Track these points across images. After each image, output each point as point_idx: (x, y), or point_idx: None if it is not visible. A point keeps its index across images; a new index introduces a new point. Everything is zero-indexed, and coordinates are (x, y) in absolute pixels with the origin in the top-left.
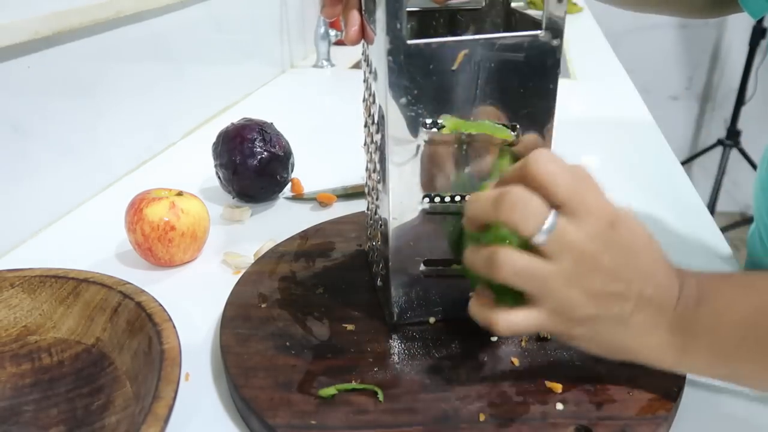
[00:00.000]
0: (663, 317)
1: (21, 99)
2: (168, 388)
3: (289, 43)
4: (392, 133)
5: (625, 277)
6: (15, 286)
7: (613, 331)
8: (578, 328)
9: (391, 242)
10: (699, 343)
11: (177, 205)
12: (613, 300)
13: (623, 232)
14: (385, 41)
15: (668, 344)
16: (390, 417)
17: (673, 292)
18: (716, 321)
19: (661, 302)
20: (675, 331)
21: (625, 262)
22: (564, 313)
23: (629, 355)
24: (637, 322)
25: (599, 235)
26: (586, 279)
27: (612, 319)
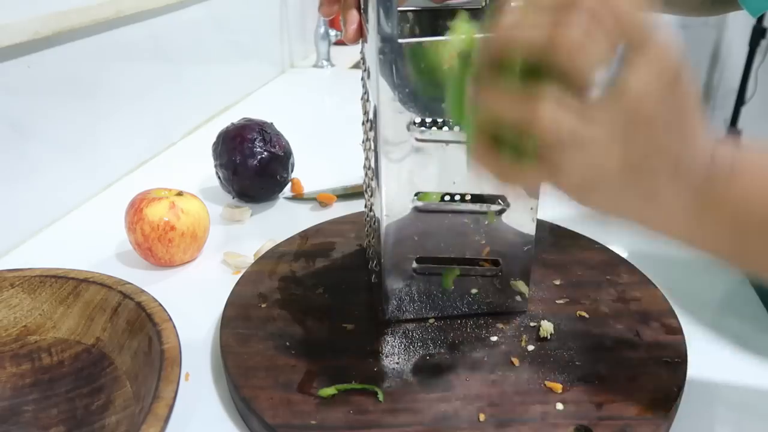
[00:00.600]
0: (691, 188)
1: (21, 99)
2: (168, 388)
3: (289, 43)
4: (384, 130)
5: (672, 135)
6: (15, 286)
7: (633, 199)
8: (596, 196)
9: (383, 239)
10: (718, 213)
11: (177, 205)
12: (648, 173)
13: (683, 90)
14: (376, 39)
15: (689, 214)
16: (390, 417)
17: (706, 157)
18: (744, 197)
19: (692, 165)
20: (698, 196)
21: (677, 127)
22: (589, 179)
23: (639, 218)
24: (664, 192)
25: (661, 94)
26: (631, 142)
27: (638, 190)
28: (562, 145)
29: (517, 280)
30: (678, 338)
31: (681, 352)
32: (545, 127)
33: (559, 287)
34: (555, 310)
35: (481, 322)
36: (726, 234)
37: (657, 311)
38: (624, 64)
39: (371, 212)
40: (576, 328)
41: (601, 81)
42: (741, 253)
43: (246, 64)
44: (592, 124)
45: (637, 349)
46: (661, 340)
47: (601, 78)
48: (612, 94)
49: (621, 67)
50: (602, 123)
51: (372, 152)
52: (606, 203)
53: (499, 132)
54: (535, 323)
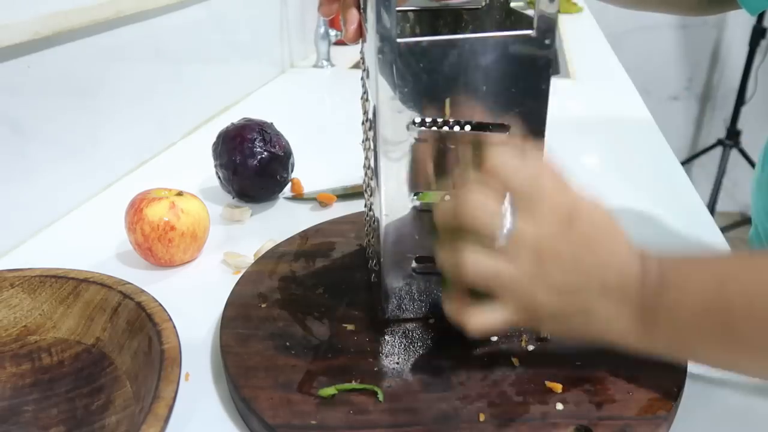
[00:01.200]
0: (626, 303)
1: (21, 99)
2: (168, 388)
3: (289, 43)
4: (383, 130)
5: (584, 269)
6: (15, 286)
7: (581, 321)
8: (546, 322)
9: (383, 238)
10: (660, 326)
11: (177, 205)
12: (575, 293)
13: (581, 225)
14: (375, 39)
15: (632, 330)
16: (390, 417)
17: (635, 279)
18: (676, 307)
19: (624, 289)
20: (638, 317)
21: (584, 254)
22: (531, 309)
23: (597, 340)
24: (601, 312)
25: (557, 232)
26: (547, 276)
27: (577, 310)
28: (492, 283)
29: None
30: None
31: None
32: (469, 269)
33: None
34: None
35: None
36: (670, 344)
37: None
38: (517, 214)
39: (371, 212)
40: None
41: (505, 230)
42: (692, 357)
43: (246, 64)
44: (509, 263)
45: None
46: None
47: (505, 227)
48: (515, 239)
49: (516, 217)
50: (517, 262)
51: (372, 152)
52: (558, 328)
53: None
54: None
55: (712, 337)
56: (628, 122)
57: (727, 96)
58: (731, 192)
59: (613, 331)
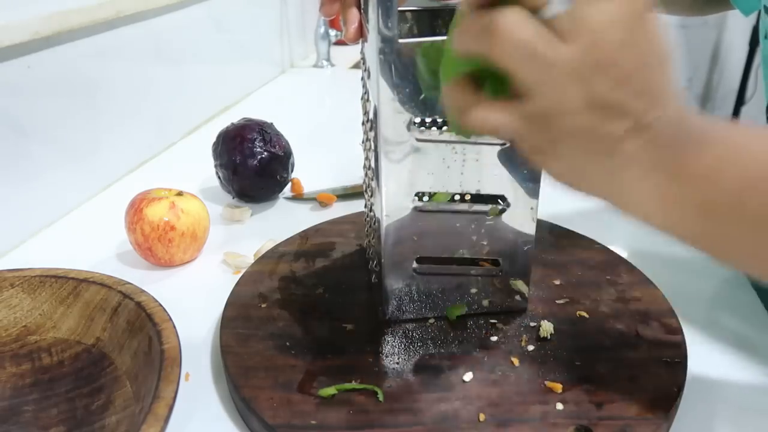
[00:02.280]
0: (654, 149)
1: (21, 99)
2: (168, 388)
3: (289, 43)
4: (384, 130)
5: (635, 86)
6: (15, 286)
7: (596, 157)
8: (558, 144)
9: (384, 239)
10: (685, 189)
11: (177, 205)
12: (611, 113)
13: (651, 31)
14: (376, 39)
15: (649, 183)
16: (390, 417)
17: (672, 125)
18: (720, 169)
19: (659, 131)
20: (663, 169)
21: (642, 67)
22: (551, 118)
23: (603, 191)
24: (625, 151)
25: (627, 25)
26: (593, 75)
27: (601, 139)
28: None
29: (516, 280)
30: (678, 338)
31: (681, 352)
32: (505, 32)
33: (559, 287)
34: (555, 310)
35: (481, 322)
36: (693, 214)
37: (657, 311)
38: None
39: (371, 212)
40: (576, 328)
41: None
42: (709, 238)
43: (246, 64)
44: (554, 43)
45: (637, 349)
46: (661, 340)
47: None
48: (572, 25)
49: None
50: (565, 46)
51: (372, 152)
52: (569, 167)
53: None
54: (535, 323)
55: (751, 216)
56: None
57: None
58: None
59: (629, 181)
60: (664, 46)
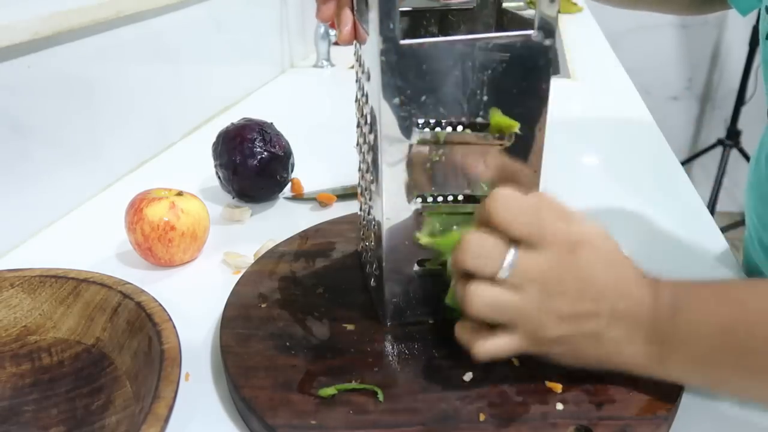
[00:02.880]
0: (638, 329)
1: (21, 99)
2: (168, 388)
3: (289, 43)
4: (385, 133)
5: (591, 296)
6: (15, 286)
7: (590, 346)
8: (555, 347)
9: (384, 243)
10: (676, 352)
11: (177, 205)
12: (584, 319)
13: (585, 254)
14: (377, 42)
15: (645, 354)
16: (390, 417)
17: (646, 304)
18: (693, 330)
19: (635, 314)
20: (652, 341)
21: (590, 282)
22: (539, 336)
23: (609, 366)
24: (612, 337)
25: (560, 262)
26: (553, 303)
27: (587, 336)
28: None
29: None
30: None
31: None
32: (474, 301)
33: None
34: None
35: None
36: (685, 369)
37: None
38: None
39: (369, 215)
40: None
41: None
42: (709, 383)
43: (246, 64)
44: (515, 294)
45: None
46: None
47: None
48: (519, 272)
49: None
50: (523, 293)
51: (370, 155)
52: (568, 354)
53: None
54: None
55: (730, 361)
56: (628, 122)
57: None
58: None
59: (625, 354)
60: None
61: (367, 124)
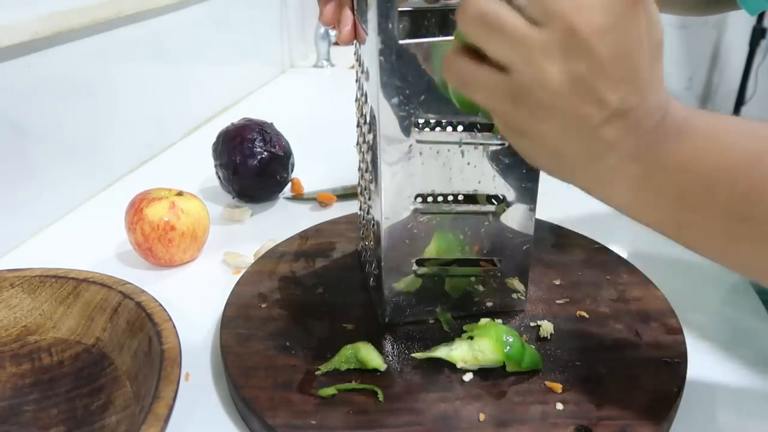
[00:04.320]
0: (634, 138)
1: (21, 99)
2: (168, 388)
3: (289, 43)
4: (384, 132)
5: (616, 76)
6: (15, 286)
7: (575, 139)
8: (537, 123)
9: (383, 242)
10: (662, 179)
11: (177, 205)
12: (589, 97)
13: (642, 21)
14: (376, 41)
15: (627, 172)
16: (390, 417)
17: (656, 113)
18: (694, 159)
19: (640, 119)
20: (641, 158)
21: (627, 55)
22: (529, 93)
23: (577, 176)
24: (604, 136)
25: (613, 11)
26: (571, 60)
27: (581, 122)
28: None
29: (515, 280)
30: (678, 338)
31: (681, 352)
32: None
33: (559, 287)
34: (555, 310)
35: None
36: (669, 205)
37: (657, 311)
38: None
39: (368, 215)
40: (576, 328)
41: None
42: (685, 231)
43: (246, 64)
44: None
45: (637, 349)
46: (661, 340)
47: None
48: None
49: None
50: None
51: (369, 154)
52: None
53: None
54: (535, 323)
55: (721, 205)
56: None
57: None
58: None
59: (603, 166)
60: (653, 35)
61: (366, 123)
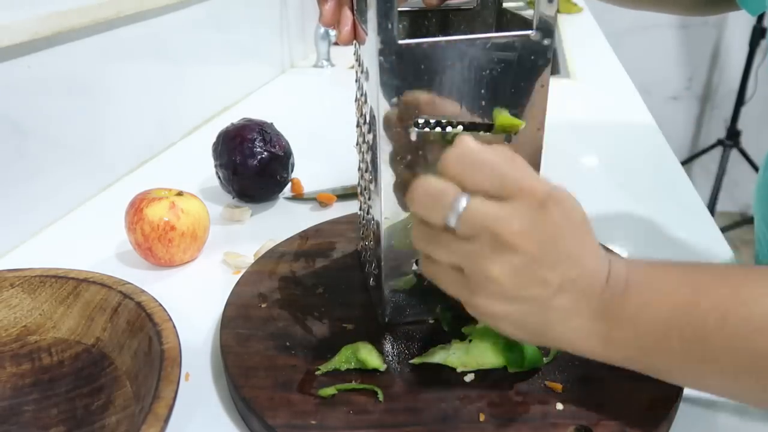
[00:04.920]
0: (587, 302)
1: (21, 99)
2: (168, 388)
3: (289, 43)
4: (383, 132)
5: (549, 260)
6: (15, 286)
7: (535, 312)
8: (499, 305)
9: (383, 242)
10: (621, 332)
11: (177, 205)
12: (534, 282)
13: (556, 213)
14: (376, 41)
15: (590, 331)
16: (390, 417)
17: (599, 277)
18: (641, 312)
19: (586, 286)
20: (598, 318)
21: (552, 244)
22: (480, 290)
23: (550, 340)
24: (558, 306)
25: (528, 215)
26: (504, 256)
27: (533, 300)
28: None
29: None
30: None
31: None
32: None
33: None
34: None
35: None
36: (629, 353)
37: None
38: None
39: (368, 215)
40: None
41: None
42: (651, 371)
43: (246, 64)
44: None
45: None
46: None
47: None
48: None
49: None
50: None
51: (369, 154)
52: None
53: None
54: None
55: (677, 349)
56: (628, 122)
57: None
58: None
59: (568, 328)
60: (572, 217)
61: (366, 123)
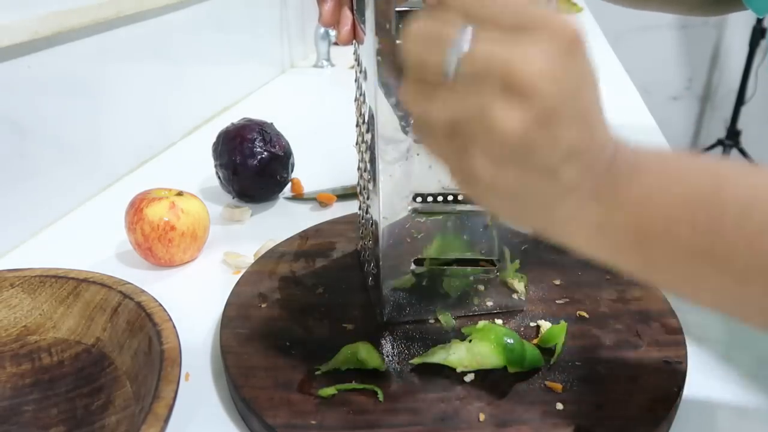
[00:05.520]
0: (590, 178)
1: (21, 99)
2: (168, 388)
3: (289, 43)
4: (382, 132)
5: (567, 116)
6: (15, 286)
7: (533, 182)
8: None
9: (381, 242)
10: (622, 216)
11: (177, 205)
12: (544, 141)
13: (581, 61)
14: (374, 41)
15: (587, 213)
16: (390, 417)
17: (607, 152)
18: (650, 195)
19: (592, 157)
20: (599, 197)
21: (571, 99)
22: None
23: (540, 220)
24: (562, 177)
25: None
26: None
27: (534, 165)
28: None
29: (515, 280)
30: (678, 338)
31: (681, 352)
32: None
33: (559, 287)
34: (555, 310)
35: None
36: (629, 244)
37: (657, 311)
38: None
39: (367, 214)
40: (576, 328)
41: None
42: (649, 269)
43: (246, 64)
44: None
45: (637, 349)
46: (661, 340)
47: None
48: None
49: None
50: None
51: (368, 154)
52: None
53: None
54: (535, 323)
55: (684, 240)
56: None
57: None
58: None
59: (565, 209)
60: (593, 75)
61: (364, 123)
